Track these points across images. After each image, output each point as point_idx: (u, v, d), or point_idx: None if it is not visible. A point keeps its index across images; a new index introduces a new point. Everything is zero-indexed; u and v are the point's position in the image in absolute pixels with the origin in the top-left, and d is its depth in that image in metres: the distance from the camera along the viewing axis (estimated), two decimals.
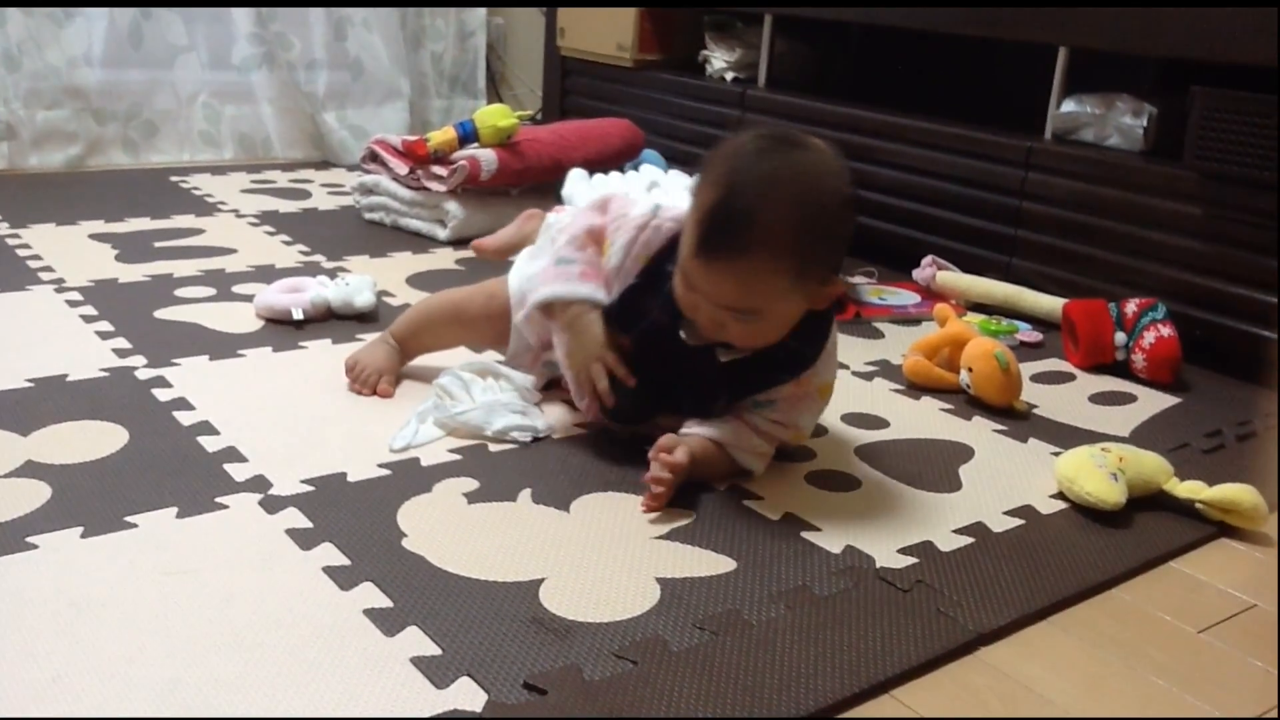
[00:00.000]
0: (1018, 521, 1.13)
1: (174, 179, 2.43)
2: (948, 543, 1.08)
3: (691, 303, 1.09)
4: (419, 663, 0.84)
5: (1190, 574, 1.08)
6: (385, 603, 0.92)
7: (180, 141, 2.63)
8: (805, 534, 1.08)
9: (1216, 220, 1.61)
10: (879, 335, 1.71)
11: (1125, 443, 1.30)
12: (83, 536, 0.99)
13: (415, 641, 0.87)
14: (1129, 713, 0.86)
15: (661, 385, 1.18)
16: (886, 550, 1.05)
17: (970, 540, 1.09)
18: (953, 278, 1.86)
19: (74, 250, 1.85)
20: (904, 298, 1.87)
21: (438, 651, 0.86)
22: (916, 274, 1.91)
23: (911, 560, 1.04)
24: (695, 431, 1.17)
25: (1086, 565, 1.06)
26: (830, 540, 1.07)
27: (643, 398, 1.18)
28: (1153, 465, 1.20)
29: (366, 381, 1.33)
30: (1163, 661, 0.93)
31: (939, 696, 0.86)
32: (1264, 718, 0.85)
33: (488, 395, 1.26)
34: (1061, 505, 1.17)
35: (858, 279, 1.93)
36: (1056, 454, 1.26)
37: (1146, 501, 1.18)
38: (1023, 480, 1.23)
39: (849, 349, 1.62)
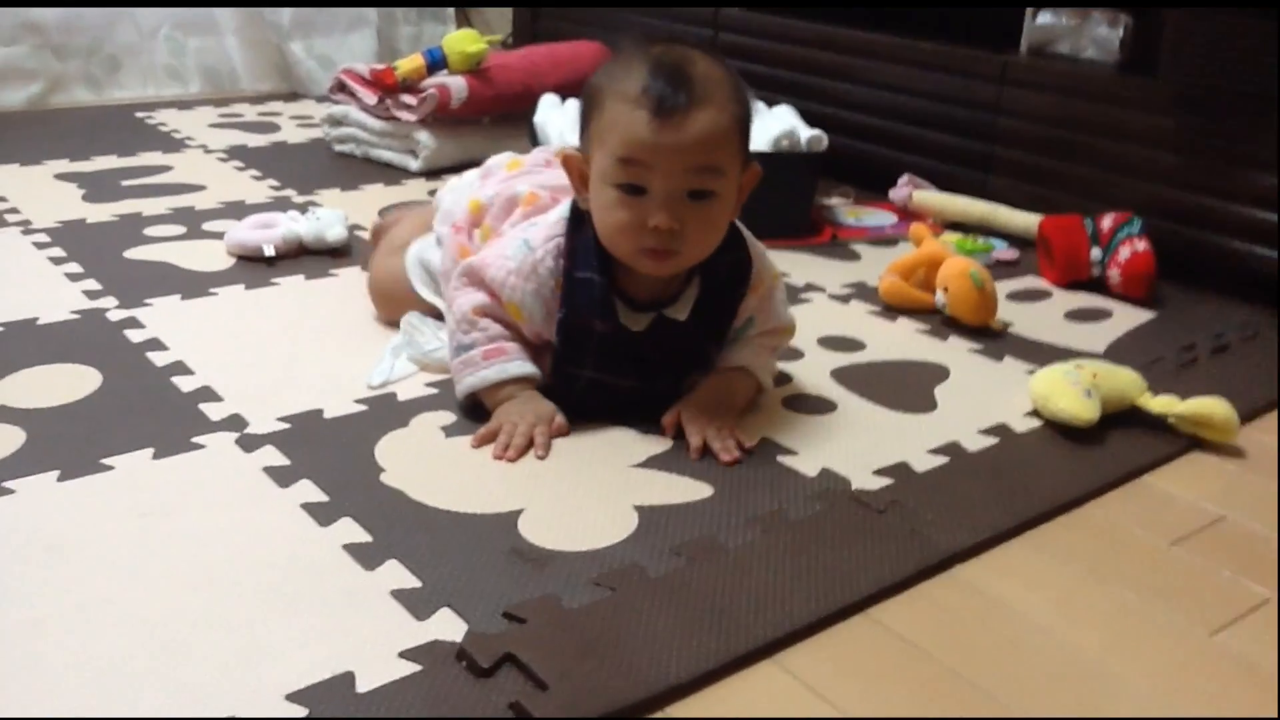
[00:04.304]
0: (992, 440, 1.14)
1: (140, 115, 2.39)
2: (923, 463, 1.09)
3: (629, 221, 1.02)
4: (399, 595, 0.85)
5: (1163, 488, 1.09)
6: (365, 537, 0.92)
7: (144, 76, 2.58)
8: (781, 458, 1.08)
9: (1192, 133, 1.60)
10: (855, 257, 1.70)
11: (1100, 359, 1.31)
12: (59, 480, 0.99)
13: (395, 575, 0.88)
14: (1101, 627, 0.88)
15: (641, 380, 1.14)
16: (862, 472, 1.06)
17: (945, 460, 1.09)
18: (929, 196, 1.85)
19: (40, 191, 1.82)
20: (880, 218, 1.87)
21: (418, 584, 0.86)
22: (893, 194, 1.90)
23: (886, 481, 1.05)
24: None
25: (1060, 482, 1.07)
26: (806, 463, 1.07)
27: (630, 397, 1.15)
28: (1126, 381, 1.21)
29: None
30: (1134, 575, 0.95)
31: (913, 614, 0.87)
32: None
33: None
34: (1036, 423, 1.18)
35: (834, 200, 1.92)
36: (1031, 372, 1.26)
37: (1120, 417, 1.19)
38: (998, 399, 1.23)
39: (825, 271, 1.61)
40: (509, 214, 1.21)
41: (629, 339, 1.10)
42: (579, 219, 1.10)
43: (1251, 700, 0.80)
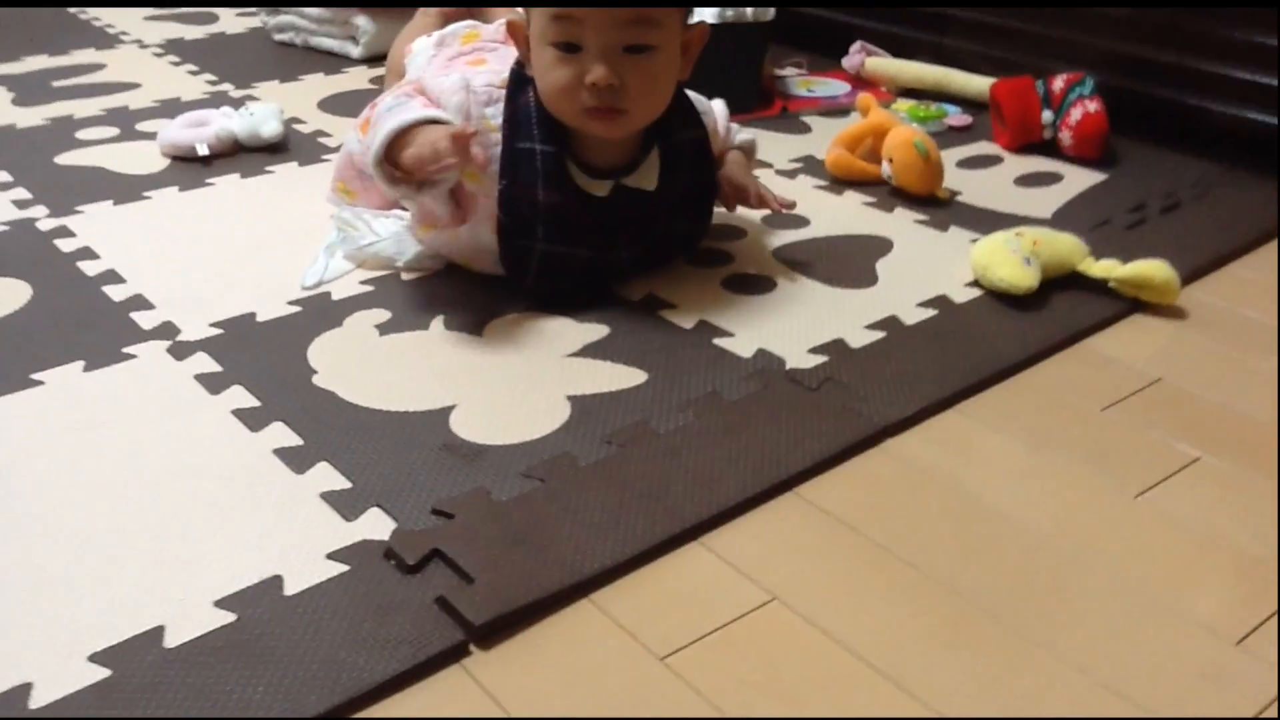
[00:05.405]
0: (931, 312, 1.13)
1: (73, 11, 2.31)
2: (859, 338, 1.08)
3: (567, 80, 1.02)
4: (329, 497, 0.85)
5: (1101, 351, 1.09)
6: (296, 441, 0.92)
7: None
8: (717, 340, 1.08)
9: None
10: (806, 129, 1.66)
11: (1047, 225, 1.29)
12: None
13: (325, 477, 0.88)
14: (1027, 493, 0.88)
15: (598, 250, 1.12)
16: (797, 351, 1.06)
17: (882, 334, 1.09)
18: (882, 63, 1.80)
19: None
20: (834, 87, 1.82)
21: (348, 485, 0.87)
22: (845, 62, 1.86)
23: (822, 359, 1.04)
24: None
25: (996, 351, 1.07)
26: (742, 345, 1.07)
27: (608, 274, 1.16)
28: (1067, 246, 1.19)
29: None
30: (1065, 440, 0.95)
31: (842, 490, 0.88)
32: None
33: (391, 225, 1.23)
34: (976, 293, 1.17)
35: (786, 71, 1.87)
36: (975, 241, 1.25)
37: (1062, 282, 1.18)
38: (940, 271, 1.22)
39: (774, 145, 1.58)
40: None
41: (591, 206, 1.09)
42: (520, 85, 1.09)
43: (1169, 558, 0.82)
